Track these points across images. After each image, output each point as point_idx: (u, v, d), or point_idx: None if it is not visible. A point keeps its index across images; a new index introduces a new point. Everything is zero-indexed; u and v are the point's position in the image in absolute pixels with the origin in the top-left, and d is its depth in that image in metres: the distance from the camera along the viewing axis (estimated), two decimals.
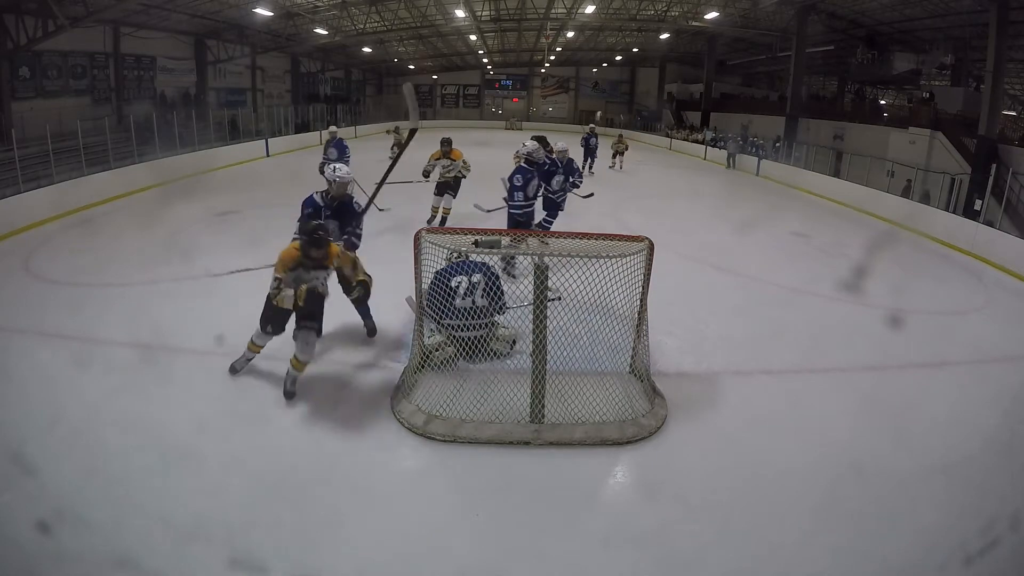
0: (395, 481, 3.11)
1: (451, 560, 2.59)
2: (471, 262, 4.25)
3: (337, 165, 4.31)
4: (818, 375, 4.50)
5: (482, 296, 4.20)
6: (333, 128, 10.92)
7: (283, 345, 4.50)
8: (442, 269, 4.09)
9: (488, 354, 4.22)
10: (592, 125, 15.49)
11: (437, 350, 4.07)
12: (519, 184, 5.96)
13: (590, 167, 13.89)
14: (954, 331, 5.60)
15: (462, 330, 4.16)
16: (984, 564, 2.66)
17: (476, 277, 4.22)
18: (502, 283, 4.23)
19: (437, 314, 4.08)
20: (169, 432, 3.36)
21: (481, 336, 4.15)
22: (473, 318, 4.18)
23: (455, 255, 4.17)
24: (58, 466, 3.03)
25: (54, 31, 13.05)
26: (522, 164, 6.23)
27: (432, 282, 4.02)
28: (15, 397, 3.69)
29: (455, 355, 4.11)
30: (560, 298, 3.55)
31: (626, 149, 16.29)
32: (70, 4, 13.03)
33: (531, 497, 2.99)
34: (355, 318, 4.99)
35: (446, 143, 8.50)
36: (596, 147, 14.33)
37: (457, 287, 4.16)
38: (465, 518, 2.84)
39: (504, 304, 4.21)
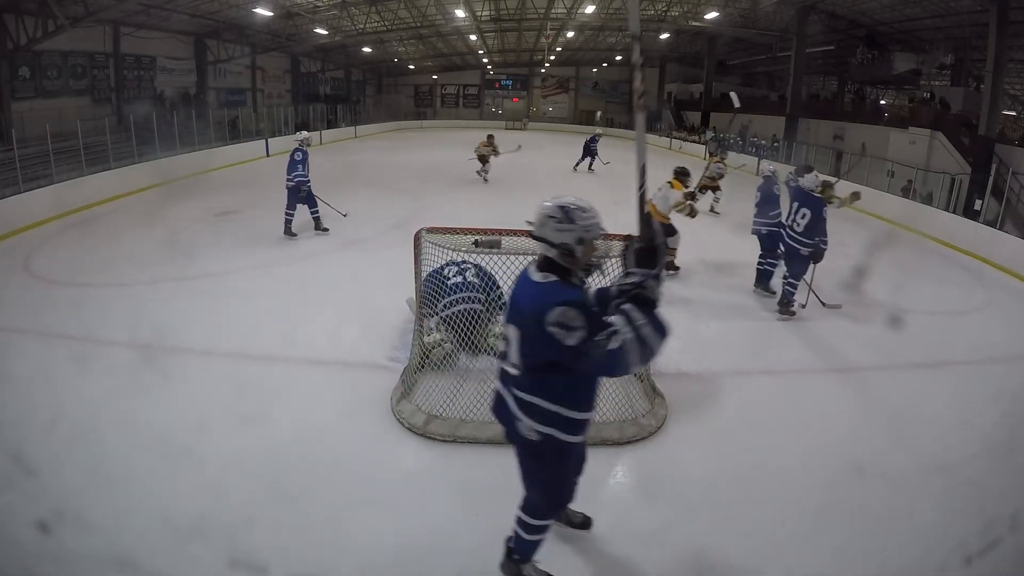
0: (395, 481, 3.10)
1: (451, 560, 2.59)
2: (460, 260, 4.36)
3: (576, 202, 1.96)
4: (818, 375, 4.50)
5: (474, 275, 4.34)
6: (306, 133, 7.90)
7: (282, 346, 4.50)
8: (434, 269, 4.18)
9: (486, 347, 4.24)
10: (599, 131, 17.14)
11: (436, 347, 4.08)
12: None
13: (589, 166, 15.50)
14: (954, 331, 5.60)
15: (458, 304, 4.21)
16: (984, 564, 2.66)
17: (466, 266, 4.39)
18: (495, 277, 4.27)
19: (433, 300, 4.17)
20: (169, 432, 3.36)
21: (478, 312, 4.19)
22: (467, 291, 4.26)
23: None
24: (58, 466, 3.03)
25: (54, 31, 13.06)
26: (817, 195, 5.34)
27: (426, 279, 4.07)
28: (15, 397, 3.70)
29: (454, 350, 4.12)
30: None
31: (719, 176, 9.68)
32: (70, 4, 13.04)
33: None
34: (355, 317, 5.00)
35: (683, 173, 6.47)
36: (596, 149, 15.72)
37: (449, 273, 4.31)
38: (465, 518, 2.83)
39: (501, 295, 4.24)
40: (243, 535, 2.65)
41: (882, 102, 22.57)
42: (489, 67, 33.92)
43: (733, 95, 6.60)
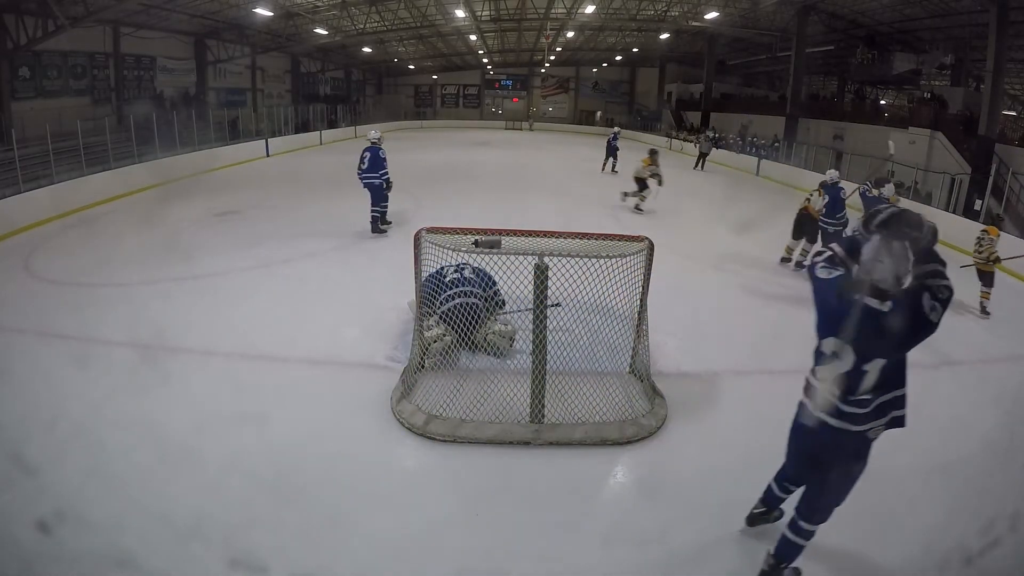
0: (395, 481, 3.11)
1: (451, 560, 2.59)
2: (458, 263, 4.39)
3: None
4: None
5: (471, 273, 4.39)
6: (379, 132, 8.10)
7: (282, 346, 4.50)
8: (433, 272, 4.20)
9: (485, 346, 4.24)
10: (617, 128, 16.95)
11: (436, 341, 4.09)
12: None
13: (613, 167, 15.17)
14: (954, 331, 5.59)
15: (455, 297, 4.24)
16: (984, 564, 2.66)
17: (463, 265, 4.44)
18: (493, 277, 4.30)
19: (432, 299, 4.22)
20: (169, 432, 3.36)
21: (475, 306, 4.22)
22: (464, 286, 4.31)
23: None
24: (58, 466, 3.03)
25: (54, 31, 13.06)
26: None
27: (425, 282, 4.11)
28: (15, 397, 3.70)
29: (454, 343, 4.13)
30: (560, 305, 3.56)
31: None
32: (70, 4, 13.04)
33: (531, 497, 2.99)
34: (355, 317, 5.00)
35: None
36: (617, 148, 15.37)
37: (447, 272, 4.35)
38: (465, 518, 2.84)
39: (498, 292, 4.26)
40: (243, 535, 2.65)
41: (882, 102, 22.58)
42: (489, 67, 33.92)
43: (891, 143, 7.24)
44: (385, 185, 7.81)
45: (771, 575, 2.45)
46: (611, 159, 15.28)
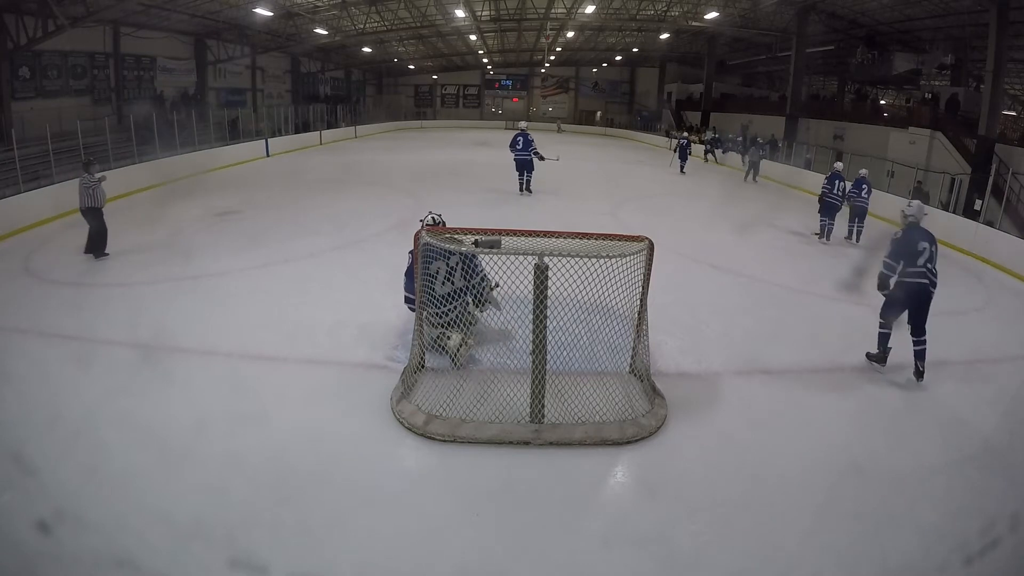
0: (395, 481, 3.11)
1: (451, 560, 2.59)
2: (446, 255, 4.18)
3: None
4: (818, 375, 4.50)
5: (460, 277, 4.26)
6: (525, 124, 11.24)
7: (282, 346, 4.50)
8: (423, 262, 4.10)
9: (473, 330, 4.23)
10: (686, 132, 18.17)
11: (462, 347, 4.10)
12: None
13: (681, 168, 16.13)
14: (954, 331, 5.59)
15: (445, 315, 4.19)
16: (984, 564, 2.66)
17: (453, 260, 4.23)
18: (479, 261, 4.21)
19: (423, 297, 4.10)
20: (169, 432, 3.37)
21: (464, 313, 4.21)
22: (454, 301, 4.22)
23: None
24: (58, 466, 3.03)
25: (54, 31, 13.06)
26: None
27: (411, 267, 4.02)
28: (15, 397, 3.70)
29: (471, 347, 4.16)
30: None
31: None
32: (70, 4, 13.04)
33: (531, 497, 2.99)
34: (355, 317, 5.00)
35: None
36: (688, 149, 16.51)
37: (436, 273, 4.17)
38: (465, 518, 2.84)
39: (486, 277, 4.19)
40: (243, 535, 2.65)
41: (882, 102, 22.56)
42: (489, 67, 33.92)
43: None
44: (535, 158, 10.64)
45: (924, 373, 4.27)
46: (682, 162, 15.97)
